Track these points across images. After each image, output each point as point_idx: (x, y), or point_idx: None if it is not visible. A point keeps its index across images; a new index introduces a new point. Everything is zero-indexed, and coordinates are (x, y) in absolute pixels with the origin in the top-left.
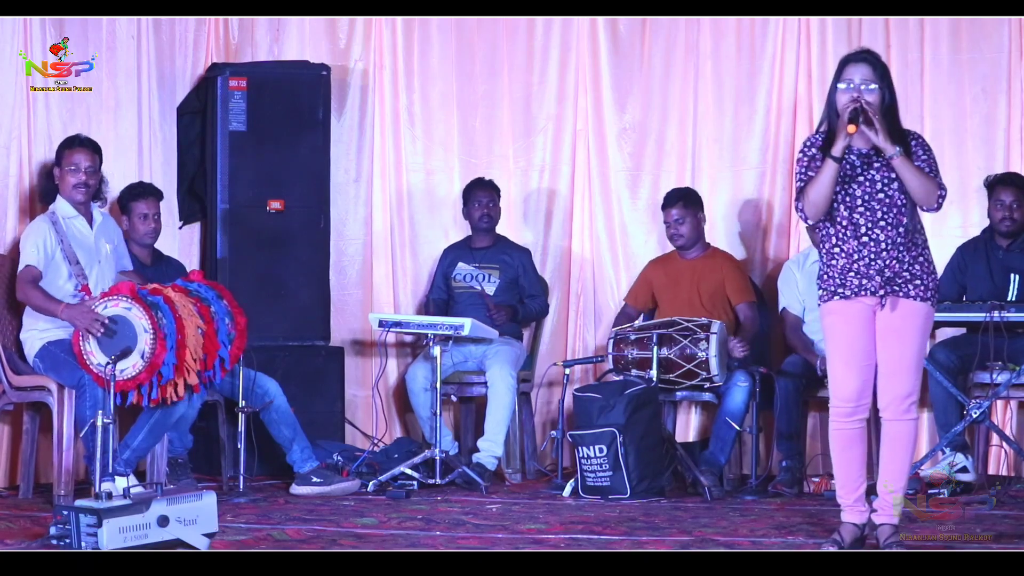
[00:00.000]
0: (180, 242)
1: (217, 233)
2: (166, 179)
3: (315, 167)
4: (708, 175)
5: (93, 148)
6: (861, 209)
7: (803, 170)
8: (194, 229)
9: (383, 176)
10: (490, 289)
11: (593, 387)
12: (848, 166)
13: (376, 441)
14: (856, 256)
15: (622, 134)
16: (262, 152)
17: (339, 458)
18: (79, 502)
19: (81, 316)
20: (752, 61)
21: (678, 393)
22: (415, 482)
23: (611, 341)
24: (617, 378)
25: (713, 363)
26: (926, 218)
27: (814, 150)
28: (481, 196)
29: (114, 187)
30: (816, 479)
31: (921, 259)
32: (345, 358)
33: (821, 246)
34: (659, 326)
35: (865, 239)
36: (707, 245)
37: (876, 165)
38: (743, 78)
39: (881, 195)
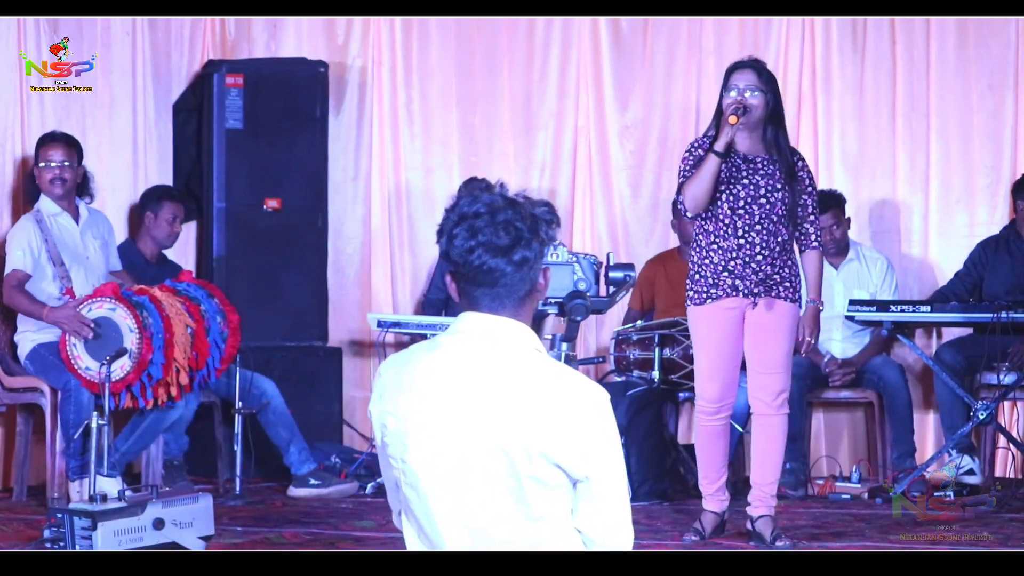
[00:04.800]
0: (176, 241)
1: (213, 232)
2: (162, 177)
3: (313, 165)
4: None
5: (68, 142)
6: (741, 211)
7: (688, 167)
8: (190, 228)
9: (381, 174)
10: None
11: None
12: (734, 168)
13: (374, 443)
14: (733, 255)
15: (624, 131)
16: (259, 150)
17: (337, 460)
18: (73, 505)
19: (67, 319)
20: (755, 53)
21: (681, 394)
22: None
23: (613, 342)
24: (619, 379)
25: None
26: (933, 217)
27: (700, 151)
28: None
29: (108, 185)
30: (820, 481)
31: (791, 263)
32: (343, 359)
33: (695, 244)
34: (662, 326)
35: (742, 241)
36: None
37: (761, 171)
38: None
39: (763, 200)
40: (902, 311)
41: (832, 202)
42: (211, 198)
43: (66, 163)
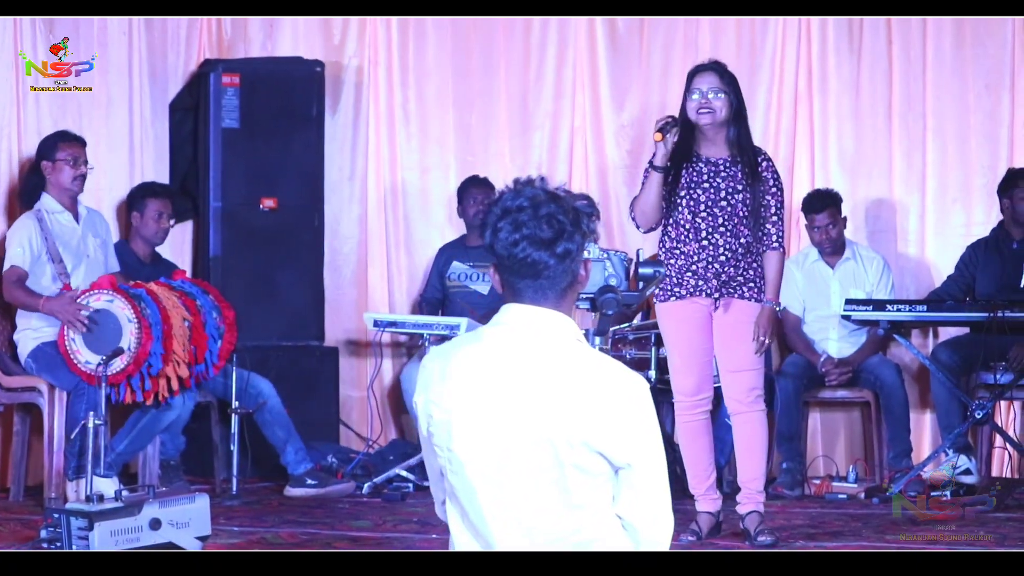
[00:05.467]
0: (172, 241)
1: (210, 231)
2: (158, 176)
3: (309, 165)
4: None
5: (83, 142)
6: (704, 214)
7: (646, 180)
8: (186, 227)
9: (378, 174)
10: (484, 289)
11: None
12: (695, 173)
13: (371, 443)
14: (695, 258)
15: (620, 131)
16: (255, 149)
17: (333, 460)
18: (70, 505)
19: (63, 308)
20: (752, 58)
21: None
22: (411, 484)
23: (609, 341)
24: None
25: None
26: (929, 217)
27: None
28: (475, 194)
29: (105, 185)
30: (817, 481)
31: (755, 265)
32: (339, 358)
33: (661, 246)
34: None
35: (705, 243)
36: None
37: (723, 174)
38: (743, 75)
39: (724, 203)
40: (898, 310)
41: (828, 201)
42: (207, 197)
43: (85, 161)
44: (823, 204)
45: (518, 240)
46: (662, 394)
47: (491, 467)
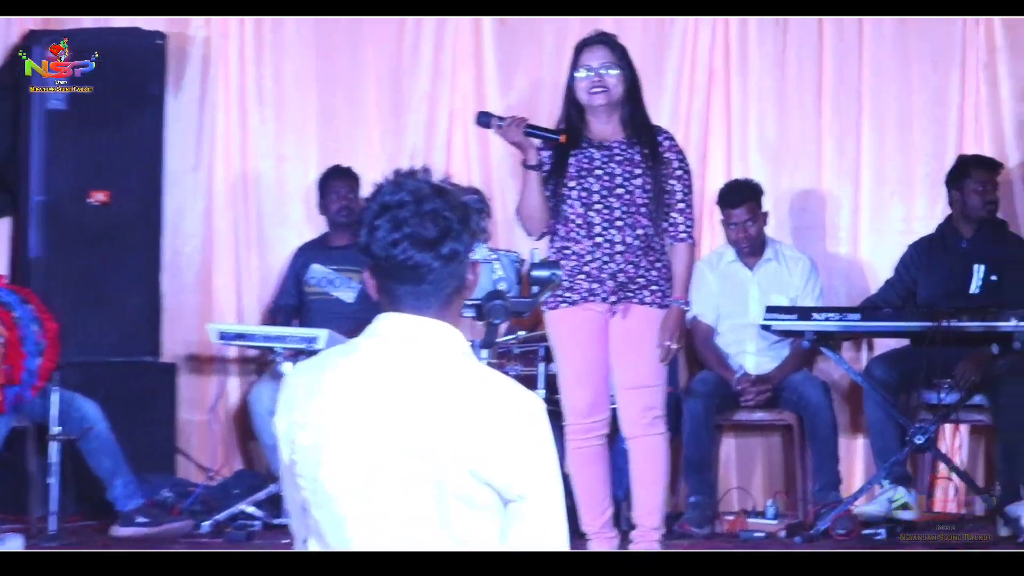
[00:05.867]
0: None
1: (30, 229)
2: None
3: (146, 152)
4: None
5: None
6: (598, 206)
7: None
8: (3, 225)
9: (226, 163)
10: (348, 296)
11: None
12: (586, 159)
13: (212, 474)
14: (588, 258)
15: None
16: (84, 134)
17: (169, 494)
18: None
19: None
20: (660, 31)
21: None
22: (258, 522)
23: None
24: None
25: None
26: (864, 211)
27: (549, 151)
28: (339, 187)
29: None
30: (731, 517)
31: (659, 264)
32: (178, 376)
33: (550, 246)
34: (545, 338)
35: (599, 239)
36: None
37: (618, 158)
38: (649, 50)
39: (620, 190)
40: (827, 319)
41: (747, 194)
42: (27, 190)
43: None
44: (741, 197)
45: (398, 240)
46: (552, 417)
47: (364, 496)
